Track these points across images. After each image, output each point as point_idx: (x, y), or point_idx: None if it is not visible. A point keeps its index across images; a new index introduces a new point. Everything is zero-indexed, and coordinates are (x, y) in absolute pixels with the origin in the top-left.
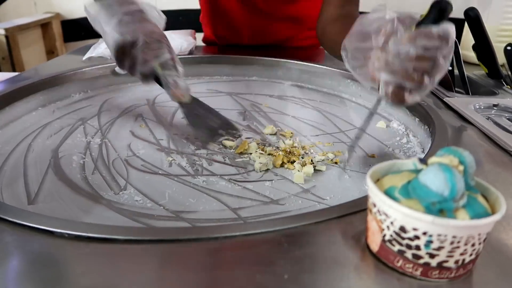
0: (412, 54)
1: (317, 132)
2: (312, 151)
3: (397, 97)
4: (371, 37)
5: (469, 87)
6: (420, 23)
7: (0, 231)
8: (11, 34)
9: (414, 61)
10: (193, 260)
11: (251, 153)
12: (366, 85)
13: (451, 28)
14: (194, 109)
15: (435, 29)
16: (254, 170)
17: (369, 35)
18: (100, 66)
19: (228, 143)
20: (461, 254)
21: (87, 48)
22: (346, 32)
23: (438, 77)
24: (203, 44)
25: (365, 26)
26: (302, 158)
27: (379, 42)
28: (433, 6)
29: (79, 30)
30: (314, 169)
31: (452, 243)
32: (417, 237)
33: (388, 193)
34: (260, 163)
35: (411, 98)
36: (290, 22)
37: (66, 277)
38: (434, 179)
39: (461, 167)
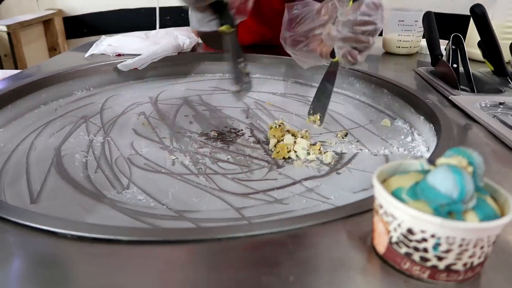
0: (360, 20)
1: (321, 130)
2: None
3: (352, 57)
4: (309, 20)
5: (475, 85)
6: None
7: (3, 231)
8: (13, 31)
9: (361, 26)
10: (197, 261)
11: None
12: (307, 64)
13: None
14: (235, 43)
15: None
16: (261, 167)
17: (305, 19)
18: (102, 63)
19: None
20: (470, 256)
21: (90, 45)
22: None
23: (376, 37)
24: None
25: (296, 14)
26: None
27: (322, 20)
28: None
29: (81, 27)
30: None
31: (460, 245)
32: (425, 240)
33: (395, 194)
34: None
35: (361, 57)
36: None
37: (69, 278)
38: (443, 181)
39: (470, 168)
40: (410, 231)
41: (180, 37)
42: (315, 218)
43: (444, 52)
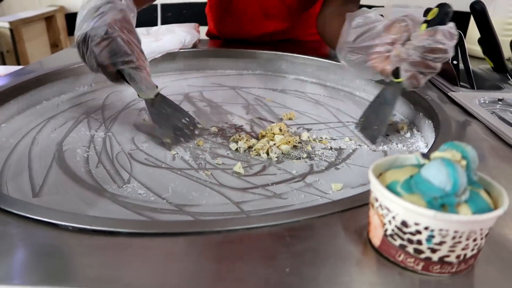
0: (433, 47)
1: (321, 126)
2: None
3: (416, 81)
4: (374, 36)
5: (474, 81)
6: (428, 23)
7: (5, 223)
8: (15, 27)
9: (432, 53)
10: (196, 254)
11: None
12: (366, 77)
13: (454, 27)
14: (161, 107)
15: (447, 27)
16: (260, 163)
17: (369, 34)
18: None
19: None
20: (463, 249)
21: None
22: None
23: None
24: (207, 38)
25: (360, 26)
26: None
27: (388, 39)
28: (440, 10)
29: None
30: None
31: (454, 238)
32: (418, 232)
33: (390, 187)
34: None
35: (424, 81)
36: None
37: (70, 270)
38: (436, 174)
39: (463, 162)
40: (404, 223)
41: (182, 34)
42: (312, 212)
43: None
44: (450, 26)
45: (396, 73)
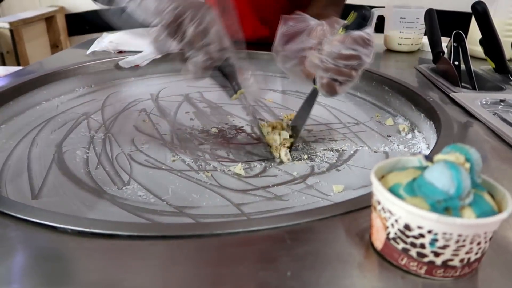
0: (344, 53)
1: (322, 127)
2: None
3: (331, 89)
4: (300, 40)
5: (476, 82)
6: (346, 28)
7: (4, 226)
8: (15, 28)
9: (345, 60)
10: (196, 256)
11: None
12: (299, 81)
13: (371, 32)
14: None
15: (360, 33)
16: (260, 163)
17: (297, 39)
18: (104, 60)
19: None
20: (467, 252)
21: (91, 42)
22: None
23: (361, 71)
24: None
25: (290, 29)
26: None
27: (310, 43)
28: (356, 14)
29: (83, 24)
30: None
31: (457, 241)
32: (422, 236)
33: (393, 190)
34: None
35: (341, 89)
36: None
37: (69, 273)
38: (440, 177)
39: (467, 165)
40: (407, 227)
41: None
42: (313, 214)
43: (445, 50)
44: (366, 31)
45: (315, 79)
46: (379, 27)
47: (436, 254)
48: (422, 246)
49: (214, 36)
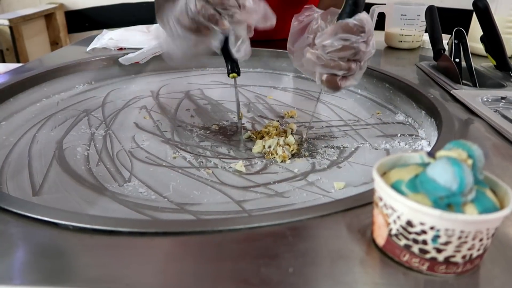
0: (335, 46)
1: (322, 124)
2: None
3: (332, 84)
4: (305, 37)
5: (477, 79)
6: (339, 18)
7: (5, 222)
8: (15, 24)
9: (338, 52)
10: (197, 253)
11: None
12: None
13: (365, 16)
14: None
15: (350, 20)
16: (261, 160)
17: (302, 35)
18: (104, 57)
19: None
20: (469, 249)
21: (91, 39)
22: None
23: (365, 60)
24: None
25: (300, 27)
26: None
27: (310, 39)
28: (347, 1)
29: (83, 21)
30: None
31: (459, 238)
32: (424, 232)
33: (395, 186)
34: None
35: (344, 83)
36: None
37: (70, 269)
38: (442, 173)
39: (469, 161)
40: (409, 223)
41: None
42: (315, 211)
43: (446, 47)
44: (357, 18)
45: None
46: (380, 24)
47: (438, 251)
48: (424, 242)
49: None
